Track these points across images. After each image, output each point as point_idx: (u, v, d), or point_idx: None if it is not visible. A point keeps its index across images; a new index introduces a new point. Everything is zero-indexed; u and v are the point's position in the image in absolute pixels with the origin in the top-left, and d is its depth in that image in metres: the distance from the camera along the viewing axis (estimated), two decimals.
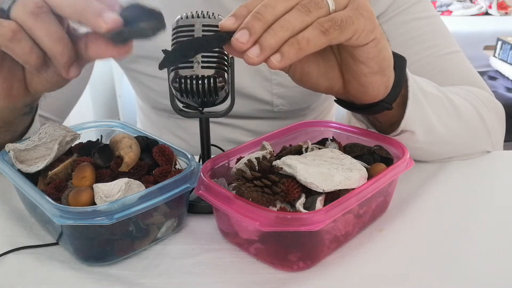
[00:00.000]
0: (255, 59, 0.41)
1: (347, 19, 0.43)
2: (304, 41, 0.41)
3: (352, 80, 0.51)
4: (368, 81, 0.50)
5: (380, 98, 0.53)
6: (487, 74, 2.27)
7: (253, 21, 0.40)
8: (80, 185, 0.47)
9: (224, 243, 0.50)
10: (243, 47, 0.40)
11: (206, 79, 0.48)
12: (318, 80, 0.52)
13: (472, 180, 0.63)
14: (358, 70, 0.49)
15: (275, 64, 0.41)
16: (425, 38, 0.73)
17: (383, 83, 0.51)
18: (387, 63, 0.50)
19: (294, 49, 0.41)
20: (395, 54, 0.53)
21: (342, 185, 0.45)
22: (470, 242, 0.49)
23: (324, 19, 0.42)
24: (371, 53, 0.47)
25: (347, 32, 0.43)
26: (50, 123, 0.54)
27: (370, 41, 0.45)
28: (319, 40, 0.42)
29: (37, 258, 0.47)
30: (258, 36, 0.40)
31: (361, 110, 0.57)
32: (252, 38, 0.40)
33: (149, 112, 0.90)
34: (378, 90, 0.52)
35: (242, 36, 0.40)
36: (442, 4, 2.92)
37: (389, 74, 0.51)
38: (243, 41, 0.40)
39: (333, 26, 0.42)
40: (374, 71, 0.49)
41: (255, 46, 0.40)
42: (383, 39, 0.48)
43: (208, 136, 0.55)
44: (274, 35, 0.40)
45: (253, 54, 0.40)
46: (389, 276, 0.44)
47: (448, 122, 0.62)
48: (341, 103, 0.58)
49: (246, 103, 0.79)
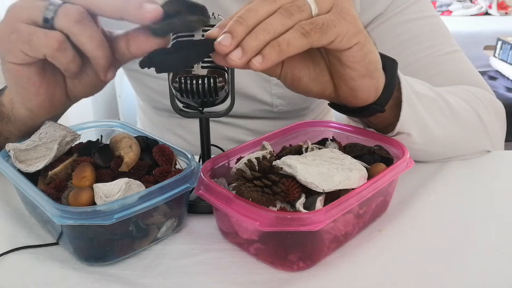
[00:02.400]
0: (237, 62, 0.41)
1: (328, 22, 0.43)
2: (285, 43, 0.42)
3: (342, 84, 0.51)
4: (357, 84, 0.50)
5: (371, 101, 0.53)
6: (487, 74, 2.28)
7: (235, 25, 0.41)
8: (80, 185, 0.47)
9: (224, 243, 0.50)
10: (225, 50, 0.41)
11: (206, 79, 0.48)
12: (309, 85, 0.52)
13: (472, 180, 0.63)
14: (346, 74, 0.49)
15: (256, 66, 0.42)
16: (425, 38, 0.73)
17: (372, 85, 0.51)
18: (374, 66, 0.50)
19: (275, 51, 0.42)
20: (385, 56, 0.53)
21: (342, 185, 0.45)
22: (470, 242, 0.49)
23: (305, 22, 0.43)
24: (356, 57, 0.47)
25: (329, 35, 0.43)
26: (50, 123, 0.54)
27: (353, 45, 0.46)
28: (300, 42, 0.42)
29: (37, 258, 0.47)
30: (241, 39, 0.41)
31: (355, 113, 0.57)
32: (234, 41, 0.41)
33: (149, 112, 0.90)
34: (368, 93, 0.52)
35: (225, 39, 0.41)
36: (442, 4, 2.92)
37: (378, 77, 0.51)
38: (226, 44, 0.41)
39: (314, 29, 0.42)
40: (361, 74, 0.49)
41: (237, 48, 0.41)
42: (369, 43, 0.48)
43: (208, 136, 0.55)
44: (255, 37, 0.41)
45: (236, 57, 0.41)
46: (389, 276, 0.44)
47: (444, 122, 0.62)
48: (334, 106, 0.58)
49: (246, 103, 0.79)
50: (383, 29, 0.73)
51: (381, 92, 0.53)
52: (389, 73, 0.53)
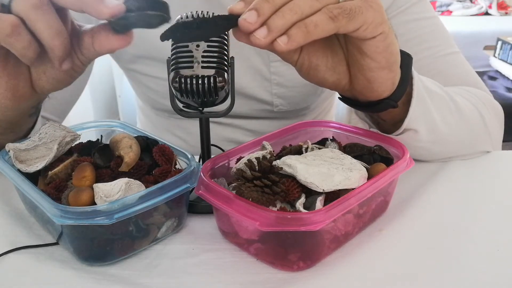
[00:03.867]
0: (261, 40, 0.41)
1: (356, 8, 0.42)
2: (312, 25, 0.41)
3: (359, 75, 0.51)
4: (374, 76, 0.49)
5: (386, 95, 0.53)
6: (487, 74, 2.27)
7: (262, 3, 0.41)
8: (80, 185, 0.47)
9: (224, 243, 0.50)
10: (250, 27, 0.40)
11: (206, 79, 0.47)
12: (325, 75, 0.51)
13: (472, 180, 0.63)
14: (365, 64, 0.48)
15: (281, 46, 0.41)
16: (424, 39, 0.73)
17: (390, 78, 0.51)
18: (394, 59, 0.49)
19: (302, 32, 0.41)
20: (401, 51, 0.52)
21: (342, 185, 0.45)
22: (470, 242, 0.49)
23: (333, 6, 0.42)
24: (379, 47, 0.46)
25: (356, 21, 0.43)
26: (50, 123, 0.54)
27: (378, 34, 0.45)
28: (327, 26, 0.42)
29: (37, 258, 0.47)
30: (267, 17, 0.41)
31: (366, 108, 0.56)
32: (260, 18, 0.40)
33: (149, 112, 0.90)
34: (385, 86, 0.51)
35: (250, 17, 0.40)
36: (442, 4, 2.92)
37: (396, 70, 0.51)
38: (251, 21, 0.40)
39: (342, 13, 0.42)
40: (381, 66, 0.48)
41: (262, 27, 0.41)
42: (391, 33, 0.47)
43: (208, 136, 0.55)
44: (282, 17, 0.40)
45: (260, 35, 0.41)
46: (389, 276, 0.44)
47: (450, 121, 0.62)
48: (345, 100, 0.58)
49: (246, 103, 0.79)
50: None
51: (396, 86, 0.52)
52: (404, 68, 0.53)
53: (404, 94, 0.54)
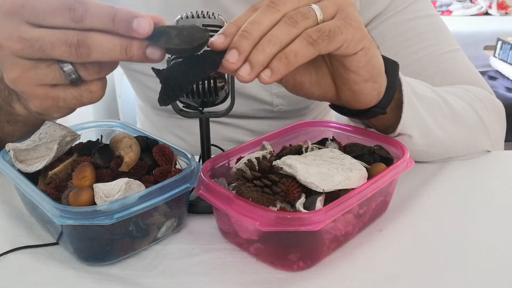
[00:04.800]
0: (246, 77, 0.41)
1: (335, 28, 0.43)
2: (292, 54, 0.41)
3: (344, 88, 0.51)
4: (359, 89, 0.50)
5: (373, 104, 0.53)
6: (487, 74, 2.28)
7: (240, 40, 0.41)
8: (80, 185, 0.47)
9: (224, 243, 0.50)
10: (234, 67, 0.41)
11: (206, 79, 0.48)
12: (311, 89, 0.52)
13: (472, 180, 0.63)
14: (349, 78, 0.49)
15: (265, 79, 0.41)
16: (424, 37, 0.73)
17: (374, 89, 0.51)
18: (378, 71, 0.50)
19: (283, 64, 0.41)
20: (387, 59, 0.53)
21: (342, 185, 0.45)
22: (470, 242, 0.49)
23: (311, 30, 0.42)
24: (361, 62, 0.47)
25: (336, 42, 0.43)
26: (50, 123, 0.54)
27: (359, 50, 0.45)
28: (308, 52, 0.42)
29: (37, 258, 0.47)
30: (247, 54, 0.41)
31: (355, 115, 0.57)
32: (241, 57, 0.41)
33: (149, 112, 0.90)
34: (371, 97, 0.52)
35: (232, 56, 0.41)
36: (442, 4, 2.92)
37: (381, 81, 0.51)
38: (233, 61, 0.41)
39: (321, 36, 0.42)
40: (365, 79, 0.49)
41: (245, 64, 0.41)
42: (373, 47, 0.48)
43: (208, 136, 0.55)
44: (262, 51, 0.41)
45: (244, 73, 0.41)
46: (389, 276, 0.44)
47: (444, 124, 0.62)
48: (335, 108, 0.58)
49: (246, 102, 0.79)
50: (383, 28, 0.73)
51: (383, 95, 0.53)
52: (390, 76, 0.53)
53: (391, 101, 0.54)
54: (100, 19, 0.40)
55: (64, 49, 0.41)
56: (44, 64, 0.43)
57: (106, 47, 0.41)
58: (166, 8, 0.73)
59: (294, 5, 0.43)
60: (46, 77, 0.43)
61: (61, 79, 0.44)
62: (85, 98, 0.45)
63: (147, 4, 0.74)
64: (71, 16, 0.40)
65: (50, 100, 0.45)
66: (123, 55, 0.42)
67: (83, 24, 0.41)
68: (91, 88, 0.45)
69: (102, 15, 0.40)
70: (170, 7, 0.73)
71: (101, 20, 0.40)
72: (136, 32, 0.40)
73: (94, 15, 0.41)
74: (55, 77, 0.44)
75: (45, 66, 0.43)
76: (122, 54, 0.42)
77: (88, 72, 0.44)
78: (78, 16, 0.40)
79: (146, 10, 0.74)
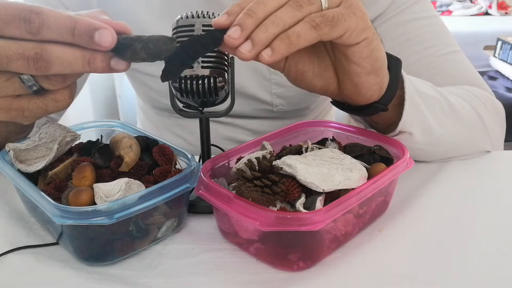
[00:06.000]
0: (247, 54, 0.41)
1: (339, 16, 0.43)
2: (295, 35, 0.42)
3: (346, 80, 0.51)
4: (361, 81, 0.50)
5: (374, 99, 0.53)
6: (487, 74, 2.27)
7: (244, 18, 0.41)
8: (80, 185, 0.47)
9: (224, 243, 0.50)
10: (235, 43, 0.41)
11: (206, 79, 0.48)
12: (313, 80, 0.52)
13: (472, 180, 0.63)
14: (351, 70, 0.49)
15: (266, 58, 0.42)
16: (425, 38, 0.73)
17: (376, 83, 0.51)
18: (380, 64, 0.50)
19: (285, 44, 0.42)
20: (389, 55, 0.53)
21: (342, 185, 0.46)
22: (470, 242, 0.49)
23: (315, 15, 0.43)
24: (363, 53, 0.47)
25: (339, 29, 0.43)
26: (50, 123, 0.54)
27: (361, 40, 0.46)
28: (310, 35, 0.42)
29: (37, 258, 0.47)
30: (250, 32, 0.41)
31: (357, 112, 0.57)
32: (243, 33, 0.41)
33: (149, 112, 0.90)
34: (372, 91, 0.52)
35: (234, 32, 0.41)
36: (442, 4, 2.92)
37: (383, 75, 0.51)
38: (235, 37, 0.41)
39: (324, 21, 0.42)
40: (367, 71, 0.49)
41: (247, 41, 0.41)
42: (376, 39, 0.48)
43: (208, 136, 0.55)
44: (265, 30, 0.41)
45: (245, 50, 0.41)
46: (389, 276, 0.44)
47: (445, 122, 0.62)
48: (337, 104, 0.58)
49: (246, 102, 0.79)
50: (384, 28, 0.73)
51: (385, 90, 0.53)
52: (393, 72, 0.53)
53: (393, 98, 0.54)
54: (58, 31, 0.39)
55: (22, 63, 0.39)
56: (4, 77, 0.41)
57: (66, 60, 0.40)
58: (166, 8, 0.73)
59: None
60: (7, 89, 0.42)
61: (23, 90, 0.42)
62: (50, 107, 0.44)
63: (147, 4, 0.74)
64: (26, 28, 0.38)
65: (14, 112, 0.44)
66: (86, 68, 0.41)
67: (41, 37, 0.39)
68: (57, 97, 0.44)
69: (60, 27, 0.39)
70: (171, 7, 0.73)
71: (60, 32, 0.39)
72: (98, 45, 0.39)
73: (51, 27, 0.39)
74: (16, 89, 0.42)
75: (5, 79, 0.41)
76: (85, 67, 0.40)
77: (51, 83, 0.43)
78: (34, 28, 0.38)
79: (147, 10, 0.74)
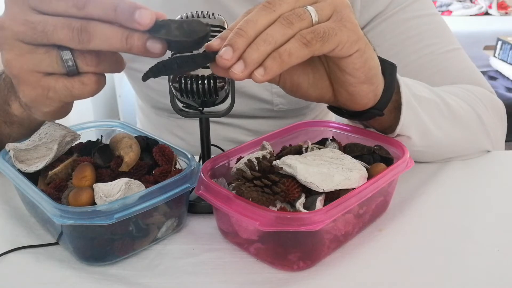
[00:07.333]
0: (239, 75, 0.41)
1: (329, 30, 0.43)
2: (286, 54, 0.41)
3: (341, 89, 0.51)
4: (356, 90, 0.50)
5: (370, 106, 0.53)
6: (487, 74, 2.28)
7: (235, 38, 0.41)
8: (80, 185, 0.47)
9: (224, 243, 0.50)
10: (227, 64, 0.41)
11: (206, 79, 0.48)
12: (308, 90, 0.52)
13: (472, 180, 0.63)
14: (345, 80, 0.49)
15: (259, 78, 0.41)
16: (425, 36, 0.73)
17: (371, 91, 0.51)
18: (374, 72, 0.50)
19: (277, 63, 0.41)
20: (384, 60, 0.53)
21: (342, 185, 0.45)
22: (470, 242, 0.49)
23: (306, 31, 0.42)
24: (356, 64, 0.47)
25: (330, 43, 0.43)
26: (50, 123, 0.54)
27: (354, 52, 0.46)
28: (301, 52, 0.42)
29: (37, 258, 0.47)
30: (242, 51, 0.41)
31: (353, 117, 0.57)
32: (235, 54, 0.41)
33: (149, 112, 0.90)
34: (367, 98, 0.52)
35: (226, 53, 0.41)
36: (442, 4, 2.92)
37: (377, 82, 0.52)
38: (227, 58, 0.40)
39: (315, 38, 0.42)
40: (361, 81, 0.49)
41: (239, 62, 0.41)
42: (369, 49, 0.48)
43: (208, 136, 0.55)
44: (256, 49, 0.41)
45: (238, 70, 0.41)
46: (389, 276, 0.44)
47: (443, 125, 0.62)
48: (333, 109, 0.58)
49: (246, 102, 0.79)
50: (384, 27, 0.73)
51: (380, 97, 0.53)
52: (388, 77, 0.53)
53: (389, 103, 0.54)
54: (102, 8, 0.41)
55: (66, 33, 0.41)
56: (43, 50, 0.43)
57: (107, 34, 0.41)
58: (167, 8, 0.73)
59: (290, 6, 0.43)
60: (42, 62, 0.43)
61: (57, 67, 0.43)
62: (76, 89, 0.45)
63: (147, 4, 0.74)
64: (74, 2, 0.41)
65: (40, 89, 0.45)
66: (123, 44, 0.41)
67: (86, 12, 0.41)
68: (84, 80, 0.44)
69: (104, 4, 0.41)
70: (171, 7, 0.73)
71: (103, 9, 0.41)
72: (138, 23, 0.40)
73: (96, 3, 0.41)
74: (50, 64, 0.43)
75: (43, 52, 0.43)
76: (123, 43, 0.41)
77: (86, 62, 0.44)
78: (81, 3, 0.41)
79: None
